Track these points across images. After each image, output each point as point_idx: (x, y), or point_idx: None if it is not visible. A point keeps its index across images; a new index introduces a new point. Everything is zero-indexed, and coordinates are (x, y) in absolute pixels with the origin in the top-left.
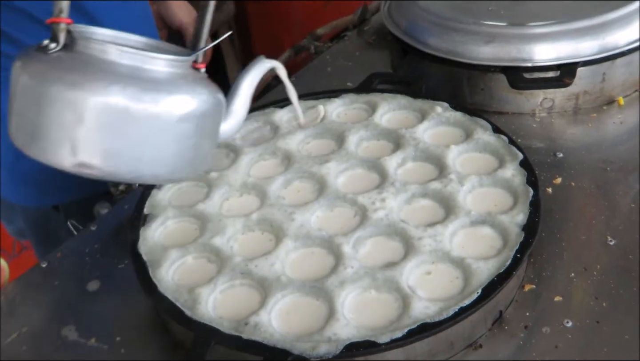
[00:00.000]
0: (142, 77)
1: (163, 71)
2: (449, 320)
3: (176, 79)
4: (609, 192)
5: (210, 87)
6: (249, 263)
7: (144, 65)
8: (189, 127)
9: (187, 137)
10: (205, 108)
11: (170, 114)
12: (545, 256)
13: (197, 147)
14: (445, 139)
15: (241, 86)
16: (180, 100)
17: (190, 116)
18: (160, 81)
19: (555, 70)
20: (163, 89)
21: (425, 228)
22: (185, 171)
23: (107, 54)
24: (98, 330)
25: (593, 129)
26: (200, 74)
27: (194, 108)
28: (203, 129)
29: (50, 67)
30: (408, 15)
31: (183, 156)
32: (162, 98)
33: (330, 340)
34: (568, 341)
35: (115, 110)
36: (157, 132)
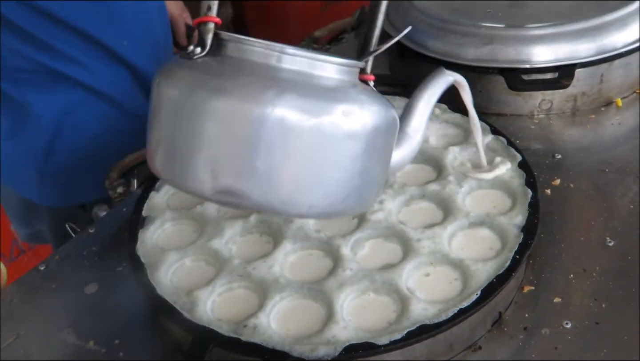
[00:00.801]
0: (309, 85)
1: (331, 78)
2: (448, 321)
3: (346, 88)
4: (607, 193)
5: (382, 102)
6: (248, 265)
7: (309, 70)
8: (359, 146)
9: (356, 158)
10: (378, 124)
11: (341, 128)
12: (544, 258)
13: (366, 172)
14: (444, 141)
15: (417, 104)
16: (352, 112)
17: (363, 133)
18: (330, 89)
19: (553, 71)
20: (335, 97)
21: (423, 229)
22: (349, 203)
23: (265, 57)
24: (96, 332)
25: (591, 131)
26: (368, 87)
27: (367, 123)
28: (374, 150)
29: (199, 75)
30: (406, 17)
31: (349, 182)
32: (334, 108)
33: (329, 342)
34: (567, 343)
35: (281, 124)
36: (324, 151)
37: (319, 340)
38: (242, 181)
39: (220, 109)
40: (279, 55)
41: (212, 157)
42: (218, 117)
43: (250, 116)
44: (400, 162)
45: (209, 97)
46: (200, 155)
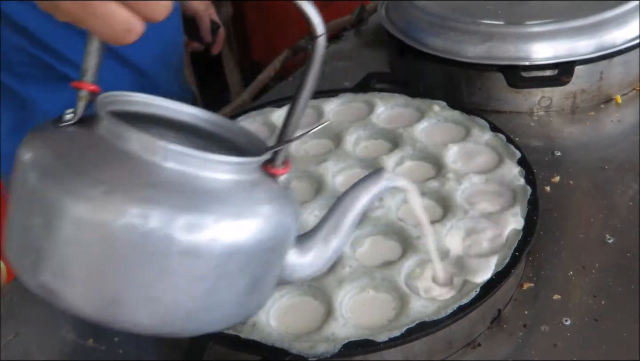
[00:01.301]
0: (180, 189)
1: (217, 179)
2: (447, 318)
3: (232, 193)
4: (607, 190)
5: (277, 209)
6: None
7: (189, 168)
8: (203, 266)
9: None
10: (240, 241)
11: (177, 244)
12: (543, 255)
13: (214, 294)
14: (443, 138)
15: (339, 210)
16: (199, 226)
17: (210, 251)
18: (207, 195)
19: (552, 69)
20: (207, 209)
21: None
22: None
23: (139, 148)
24: (96, 330)
25: (591, 128)
26: (271, 185)
27: (219, 239)
28: (230, 269)
29: (51, 155)
30: (405, 14)
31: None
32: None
33: (329, 339)
34: (567, 340)
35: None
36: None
37: (318, 337)
38: (58, 282)
39: (45, 199)
40: (152, 149)
41: (35, 248)
42: (44, 206)
43: (74, 215)
44: (301, 273)
45: (41, 181)
46: (28, 241)
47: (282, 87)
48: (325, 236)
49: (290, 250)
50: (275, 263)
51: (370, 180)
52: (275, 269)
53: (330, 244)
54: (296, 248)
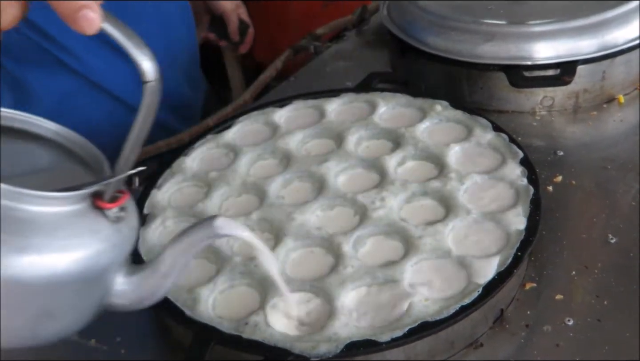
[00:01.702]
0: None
1: (38, 212)
2: (450, 318)
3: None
4: (609, 190)
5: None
6: (249, 262)
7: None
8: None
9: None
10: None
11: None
12: (546, 255)
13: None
14: (445, 138)
15: (165, 253)
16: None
17: (22, 283)
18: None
19: (555, 68)
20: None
21: (425, 226)
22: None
23: None
24: (98, 330)
25: (593, 128)
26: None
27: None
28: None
29: None
30: (407, 14)
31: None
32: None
33: (331, 339)
34: (569, 340)
35: None
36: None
37: (320, 337)
38: None
39: None
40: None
41: None
42: None
43: None
44: (125, 300)
45: None
46: None
47: (284, 87)
48: (154, 273)
49: (115, 279)
50: (76, 295)
51: (201, 229)
52: (78, 301)
53: (158, 283)
54: (124, 279)
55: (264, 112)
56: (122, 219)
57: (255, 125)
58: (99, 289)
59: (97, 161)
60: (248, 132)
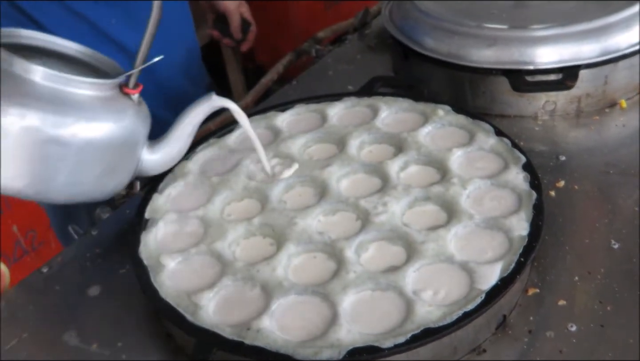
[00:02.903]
0: (52, 100)
1: (81, 94)
2: (453, 324)
3: (91, 104)
4: (612, 195)
5: (124, 117)
6: (251, 267)
7: (59, 86)
8: (66, 151)
9: (62, 159)
10: (92, 136)
11: (45, 135)
12: (548, 260)
13: (76, 173)
14: (448, 143)
15: (178, 122)
16: (61, 124)
17: (71, 141)
18: (71, 104)
19: (557, 73)
20: (69, 113)
21: (427, 231)
22: (84, 196)
23: (22, 71)
24: (99, 335)
25: (595, 132)
26: (125, 101)
27: (76, 134)
28: (87, 156)
29: None
30: (409, 18)
31: (56, 177)
32: (43, 118)
33: (333, 345)
34: (572, 346)
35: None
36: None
37: (322, 343)
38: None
39: None
40: (32, 70)
41: None
42: None
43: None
44: (153, 166)
45: None
46: None
47: (286, 91)
48: (170, 142)
49: (143, 150)
50: (127, 156)
51: (200, 103)
52: (127, 161)
53: (174, 148)
54: (148, 149)
55: (266, 116)
56: (141, 103)
57: (257, 129)
58: (138, 152)
59: (113, 68)
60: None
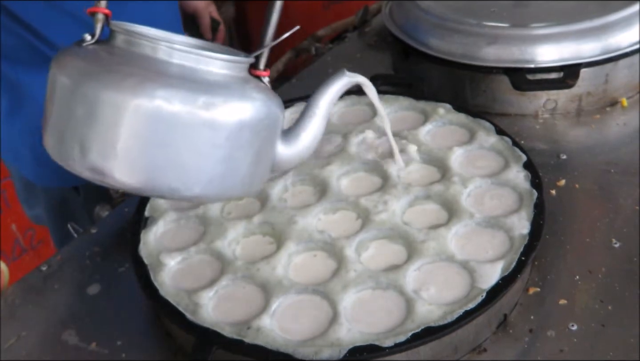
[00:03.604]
0: (192, 79)
1: (215, 73)
2: (453, 323)
3: (231, 83)
4: (613, 194)
5: (263, 97)
6: (251, 266)
7: (192, 64)
8: (220, 136)
9: (216, 147)
10: (244, 119)
11: (198, 118)
12: (549, 259)
13: (230, 161)
14: (448, 141)
15: (314, 105)
16: (214, 104)
17: (224, 124)
18: (213, 83)
19: (558, 71)
20: (200, 89)
21: (428, 230)
22: (212, 189)
23: (152, 50)
24: (99, 334)
25: (596, 131)
26: (259, 83)
27: (230, 116)
28: (240, 142)
29: (83, 62)
30: (409, 16)
31: (209, 169)
32: (194, 99)
33: (334, 344)
34: (573, 345)
35: (137, 111)
36: (181, 138)
37: (323, 342)
38: (104, 161)
39: (86, 94)
40: (165, 50)
41: (81, 137)
42: (85, 101)
43: (109, 102)
44: (289, 158)
45: (79, 82)
46: (73, 134)
47: (285, 89)
48: (304, 130)
49: (279, 140)
50: (271, 141)
51: (335, 81)
52: (271, 148)
53: (309, 136)
54: (282, 141)
55: None
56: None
57: None
58: (277, 141)
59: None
60: None
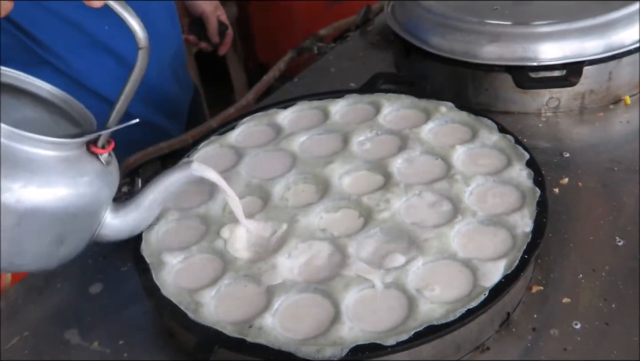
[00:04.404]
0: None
1: (37, 153)
2: (456, 322)
3: (50, 166)
4: (616, 192)
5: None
6: (253, 265)
7: (9, 142)
8: (10, 221)
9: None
10: (38, 204)
11: (15, 208)
12: (552, 257)
13: (19, 243)
14: (450, 139)
15: (151, 188)
16: (29, 193)
17: (15, 208)
18: (25, 165)
19: (561, 69)
20: (18, 177)
21: (431, 229)
22: (27, 267)
23: None
24: (101, 333)
25: (600, 129)
26: (91, 161)
27: (22, 201)
28: (33, 225)
29: None
30: (411, 15)
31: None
32: (12, 187)
33: (336, 343)
34: (577, 344)
35: None
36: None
37: (325, 341)
38: None
39: None
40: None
41: None
42: None
43: None
44: (116, 232)
45: None
46: None
47: (288, 88)
48: (138, 208)
49: (105, 214)
50: (82, 224)
51: (179, 170)
52: (82, 229)
53: (142, 215)
54: (112, 212)
55: (268, 113)
56: (110, 162)
57: (259, 126)
58: (97, 219)
59: (85, 118)
60: (252, 133)
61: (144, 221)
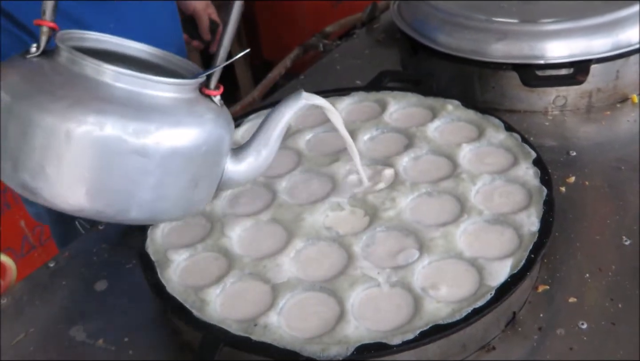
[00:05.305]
0: (131, 104)
1: (162, 97)
2: (462, 321)
3: (174, 108)
4: (623, 191)
5: (212, 121)
6: (258, 263)
7: (133, 87)
8: (150, 163)
9: (146, 173)
10: (178, 145)
11: (127, 145)
12: (559, 257)
13: (161, 187)
14: (457, 138)
15: (267, 126)
16: (144, 131)
17: (155, 151)
18: (153, 108)
19: (568, 67)
20: (151, 119)
21: (437, 227)
22: (141, 213)
23: (94, 72)
24: (106, 330)
25: (606, 128)
26: (208, 103)
27: (162, 142)
28: (172, 168)
29: (20, 79)
30: (418, 12)
31: (138, 195)
32: (124, 126)
33: (341, 341)
34: (583, 343)
35: (85, 141)
36: (109, 163)
37: (330, 340)
38: (34, 181)
39: (19, 114)
40: (105, 72)
41: (13, 154)
42: (17, 120)
43: (38, 124)
44: (238, 177)
45: (13, 100)
46: (6, 149)
47: (293, 85)
48: (257, 148)
49: (227, 158)
50: (212, 165)
51: (289, 102)
52: (212, 171)
53: (260, 155)
54: (232, 158)
55: None
56: (223, 106)
57: None
58: (224, 160)
59: (187, 68)
60: None
61: (264, 160)
